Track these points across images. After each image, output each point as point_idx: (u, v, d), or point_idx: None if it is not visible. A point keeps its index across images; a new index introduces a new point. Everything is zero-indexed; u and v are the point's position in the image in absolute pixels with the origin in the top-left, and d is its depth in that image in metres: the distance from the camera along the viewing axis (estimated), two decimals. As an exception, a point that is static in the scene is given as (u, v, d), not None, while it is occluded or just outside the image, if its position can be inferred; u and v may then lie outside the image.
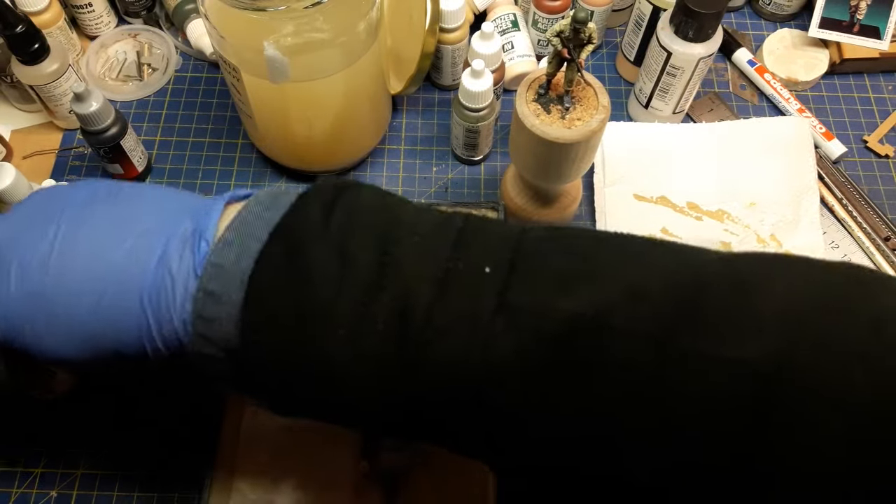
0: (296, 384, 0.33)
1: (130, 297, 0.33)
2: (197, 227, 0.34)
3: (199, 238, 0.34)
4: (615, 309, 0.30)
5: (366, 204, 0.34)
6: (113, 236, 0.34)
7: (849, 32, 0.70)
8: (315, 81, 0.55)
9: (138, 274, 0.33)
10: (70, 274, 0.34)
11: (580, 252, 0.33)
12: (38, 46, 0.61)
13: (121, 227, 0.35)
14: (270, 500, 0.52)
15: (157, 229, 0.35)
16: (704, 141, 0.65)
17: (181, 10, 0.73)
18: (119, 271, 0.34)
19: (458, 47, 0.67)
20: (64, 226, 0.34)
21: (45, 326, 0.34)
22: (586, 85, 0.52)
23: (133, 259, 0.34)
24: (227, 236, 0.33)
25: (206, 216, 0.35)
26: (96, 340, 0.34)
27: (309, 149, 0.63)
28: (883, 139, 0.69)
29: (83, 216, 0.35)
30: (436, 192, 0.67)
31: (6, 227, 0.35)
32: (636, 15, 0.67)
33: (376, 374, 0.32)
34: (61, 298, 0.34)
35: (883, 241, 0.63)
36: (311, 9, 0.50)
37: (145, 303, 0.33)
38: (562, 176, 0.54)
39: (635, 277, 0.32)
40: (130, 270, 0.33)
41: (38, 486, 0.54)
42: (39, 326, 0.34)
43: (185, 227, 0.35)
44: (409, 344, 0.31)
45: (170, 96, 0.72)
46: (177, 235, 0.34)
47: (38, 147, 0.69)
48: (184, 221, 0.35)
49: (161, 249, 0.34)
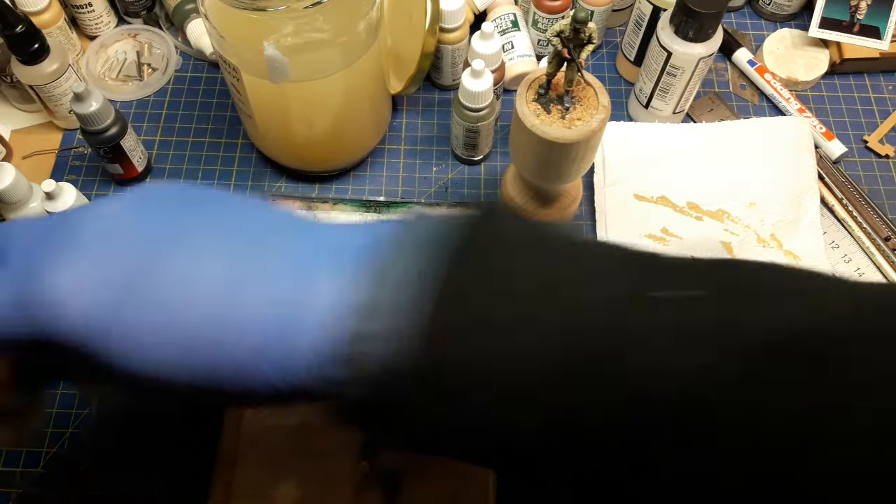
0: (479, 400, 0.28)
1: (254, 337, 0.28)
2: (329, 255, 0.29)
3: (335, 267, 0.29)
4: (834, 323, 0.29)
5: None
6: (248, 270, 0.29)
7: (849, 32, 0.70)
8: (315, 81, 0.55)
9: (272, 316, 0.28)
10: (193, 303, 0.28)
11: (764, 279, 0.31)
12: (37, 46, 0.61)
13: (258, 261, 0.29)
14: (270, 500, 0.52)
15: (293, 265, 0.29)
16: (704, 141, 0.65)
17: (181, 10, 0.73)
18: (250, 308, 0.28)
19: (458, 47, 0.67)
20: (195, 252, 0.29)
21: (152, 347, 0.28)
22: (586, 85, 0.51)
23: (264, 297, 0.28)
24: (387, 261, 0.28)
25: (338, 247, 0.30)
26: (200, 371, 0.29)
27: (309, 149, 0.63)
28: (883, 139, 0.69)
29: (218, 243, 0.30)
30: (436, 192, 0.67)
31: (139, 230, 0.30)
32: (636, 15, 0.67)
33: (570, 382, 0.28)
34: (180, 329, 0.28)
35: (883, 241, 0.63)
36: (311, 9, 0.50)
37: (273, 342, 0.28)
38: (562, 176, 0.54)
39: (833, 299, 0.30)
40: (263, 311, 0.28)
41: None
42: (145, 347, 0.28)
43: (319, 257, 0.29)
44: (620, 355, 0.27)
45: (170, 96, 0.72)
46: (318, 267, 0.29)
47: (38, 147, 0.69)
48: (317, 250, 0.30)
49: (299, 286, 0.29)
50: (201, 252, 0.29)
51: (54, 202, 0.54)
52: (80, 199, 0.55)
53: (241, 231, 0.30)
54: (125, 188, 0.66)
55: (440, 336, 0.27)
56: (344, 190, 0.67)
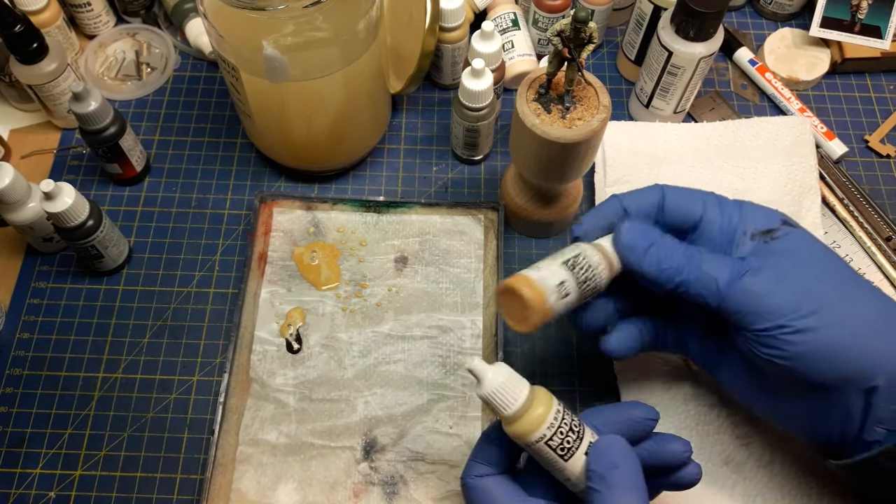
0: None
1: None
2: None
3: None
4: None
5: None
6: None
7: (850, 32, 0.70)
8: (314, 80, 0.55)
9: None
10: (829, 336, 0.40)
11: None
12: (36, 46, 0.60)
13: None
14: (270, 501, 0.52)
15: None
16: (705, 140, 0.65)
17: (180, 9, 0.72)
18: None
19: (458, 46, 0.67)
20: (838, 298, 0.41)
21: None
22: (587, 84, 0.51)
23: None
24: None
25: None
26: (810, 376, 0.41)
27: (308, 148, 0.63)
28: (884, 139, 0.69)
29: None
30: (436, 192, 0.67)
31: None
32: (637, 14, 0.67)
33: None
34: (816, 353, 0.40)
35: (884, 240, 0.62)
36: (311, 8, 0.49)
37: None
38: (562, 176, 0.54)
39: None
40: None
41: (36, 487, 0.54)
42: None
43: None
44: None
45: (168, 95, 0.72)
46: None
47: (37, 146, 0.69)
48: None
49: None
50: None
51: (53, 202, 0.53)
52: (79, 199, 0.55)
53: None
54: (124, 188, 0.66)
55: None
56: (343, 189, 0.67)
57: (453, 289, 0.60)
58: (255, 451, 0.54)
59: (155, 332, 0.60)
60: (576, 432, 0.39)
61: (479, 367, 0.40)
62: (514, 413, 0.39)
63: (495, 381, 0.39)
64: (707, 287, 0.41)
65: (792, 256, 0.42)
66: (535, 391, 0.40)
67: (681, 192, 0.46)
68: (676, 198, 0.45)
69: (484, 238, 0.62)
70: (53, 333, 0.60)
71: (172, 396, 0.57)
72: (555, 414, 0.39)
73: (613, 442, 0.39)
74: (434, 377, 0.57)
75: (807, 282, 0.41)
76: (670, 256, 0.42)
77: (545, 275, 0.42)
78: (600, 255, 0.43)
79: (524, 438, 0.39)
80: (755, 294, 0.40)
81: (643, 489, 0.38)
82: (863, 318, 0.40)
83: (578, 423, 0.40)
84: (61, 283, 0.62)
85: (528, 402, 0.39)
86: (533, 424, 0.39)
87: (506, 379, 0.39)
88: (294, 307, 0.59)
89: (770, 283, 0.40)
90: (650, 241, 0.43)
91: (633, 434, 0.41)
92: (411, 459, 0.54)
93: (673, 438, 0.42)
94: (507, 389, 0.39)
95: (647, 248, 0.42)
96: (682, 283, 0.42)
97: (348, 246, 0.62)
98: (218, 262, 0.63)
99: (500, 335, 0.56)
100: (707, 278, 0.41)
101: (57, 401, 0.57)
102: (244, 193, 0.66)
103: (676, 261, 0.42)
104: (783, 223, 0.44)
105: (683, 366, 0.55)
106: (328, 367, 0.57)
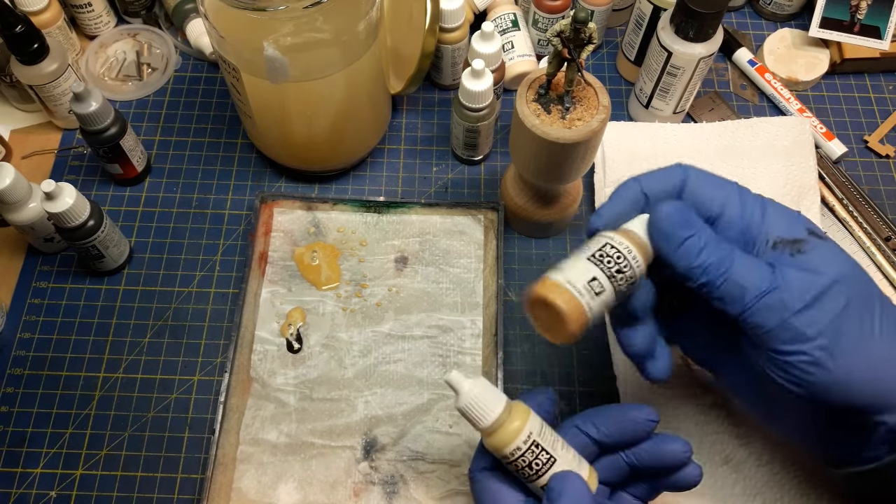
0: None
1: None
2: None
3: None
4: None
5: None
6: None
7: (849, 32, 0.70)
8: (315, 81, 0.55)
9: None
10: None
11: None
12: (37, 46, 0.61)
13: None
14: (270, 501, 0.52)
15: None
16: (705, 141, 0.65)
17: (181, 10, 0.73)
18: None
19: (458, 47, 0.67)
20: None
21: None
22: (587, 85, 0.51)
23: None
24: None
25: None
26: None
27: (309, 148, 0.63)
28: (884, 139, 0.69)
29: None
30: (436, 192, 0.67)
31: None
32: (636, 15, 0.67)
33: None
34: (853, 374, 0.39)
35: (884, 241, 0.62)
36: (311, 9, 0.50)
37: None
38: (562, 176, 0.54)
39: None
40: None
41: (37, 486, 0.54)
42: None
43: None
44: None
45: (169, 96, 0.72)
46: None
47: (38, 147, 0.69)
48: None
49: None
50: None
51: (54, 202, 0.54)
52: (80, 199, 0.55)
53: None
54: (125, 188, 0.66)
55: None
56: (344, 190, 0.67)
57: (453, 289, 0.60)
58: (256, 450, 0.54)
59: (156, 331, 0.60)
60: (541, 464, 0.39)
61: (455, 380, 0.40)
62: (489, 426, 0.39)
63: (471, 393, 0.39)
64: (732, 294, 0.39)
65: (819, 279, 0.39)
66: (512, 406, 0.40)
67: (704, 177, 0.42)
68: (699, 182, 0.42)
69: (484, 238, 0.62)
70: (54, 333, 0.60)
71: (173, 396, 0.57)
72: (527, 434, 0.39)
73: (568, 482, 0.38)
74: (434, 377, 0.57)
75: (832, 310, 0.38)
76: (705, 253, 0.39)
77: (571, 276, 0.38)
78: (630, 241, 0.39)
79: (499, 452, 0.39)
80: (778, 314, 0.38)
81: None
82: (881, 352, 0.39)
83: (546, 459, 0.39)
84: (62, 283, 0.62)
85: (504, 416, 0.39)
86: (506, 438, 0.39)
87: (481, 392, 0.39)
88: (294, 307, 0.59)
89: (794, 306, 0.38)
90: (691, 231, 0.39)
91: (633, 435, 0.41)
92: (411, 459, 0.54)
93: (673, 439, 0.41)
94: (482, 402, 0.39)
95: (685, 240, 0.39)
96: (706, 283, 0.39)
97: (348, 246, 0.62)
98: (219, 262, 0.63)
99: (500, 335, 0.56)
100: (734, 286, 0.38)
101: (58, 400, 0.57)
102: (245, 194, 0.67)
103: (709, 259, 0.39)
104: (809, 233, 0.41)
105: (683, 366, 0.55)
106: (328, 366, 0.57)
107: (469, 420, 0.40)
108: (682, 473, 0.41)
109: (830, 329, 0.38)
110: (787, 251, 0.40)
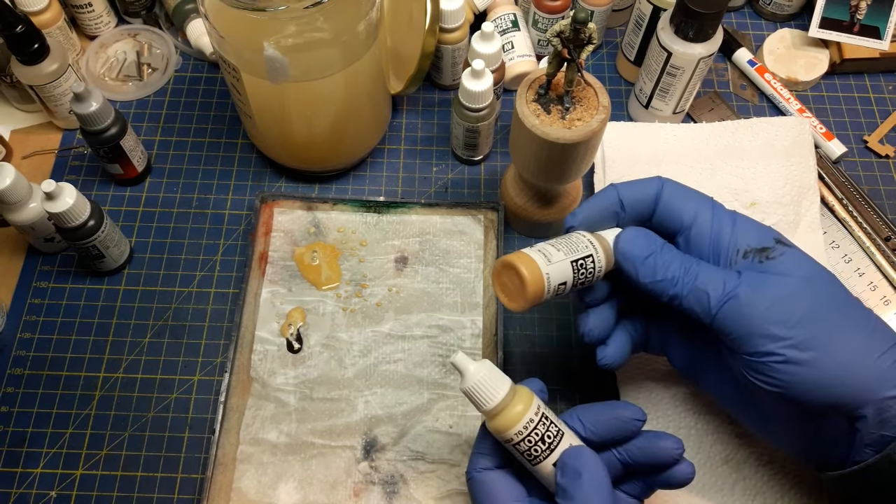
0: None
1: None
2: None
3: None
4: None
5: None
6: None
7: (849, 32, 0.70)
8: (315, 81, 0.55)
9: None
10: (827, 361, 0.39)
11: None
12: (37, 46, 0.61)
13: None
14: (270, 500, 0.52)
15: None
16: (705, 141, 0.65)
17: (181, 10, 0.73)
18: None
19: (458, 47, 0.67)
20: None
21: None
22: (586, 85, 0.51)
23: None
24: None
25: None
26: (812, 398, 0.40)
27: (309, 148, 0.63)
28: (883, 139, 0.69)
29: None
30: (436, 192, 0.67)
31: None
32: (636, 15, 0.67)
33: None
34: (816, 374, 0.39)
35: (883, 241, 0.62)
36: (312, 9, 0.50)
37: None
38: (562, 176, 0.54)
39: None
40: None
41: (37, 486, 0.54)
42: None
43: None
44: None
45: (169, 96, 0.72)
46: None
47: (38, 147, 0.69)
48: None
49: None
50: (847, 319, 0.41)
51: (54, 202, 0.54)
52: (80, 200, 0.55)
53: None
54: (125, 188, 0.66)
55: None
56: (344, 190, 0.67)
57: (453, 289, 0.60)
58: (256, 450, 0.54)
59: (156, 331, 0.60)
60: (550, 439, 0.39)
61: (461, 362, 0.40)
62: (493, 409, 0.39)
63: (476, 375, 0.40)
64: (700, 302, 0.41)
65: (786, 280, 0.40)
66: (516, 390, 0.40)
67: (679, 190, 0.45)
68: (674, 194, 0.45)
69: (484, 238, 0.62)
70: (55, 333, 0.60)
71: (173, 396, 0.57)
72: (532, 415, 0.39)
73: (581, 453, 0.39)
74: (434, 377, 0.57)
75: (800, 309, 0.39)
76: (667, 268, 0.42)
77: (553, 271, 0.41)
78: (599, 245, 0.43)
79: (502, 435, 0.40)
80: (747, 317, 0.40)
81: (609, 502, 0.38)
82: (853, 348, 0.40)
83: (556, 432, 0.40)
84: (62, 283, 0.62)
85: (508, 399, 0.40)
86: (510, 421, 0.39)
87: (486, 374, 0.40)
88: (295, 307, 0.59)
89: (762, 307, 0.39)
90: (649, 251, 0.42)
91: (621, 433, 0.42)
92: (411, 459, 0.54)
93: (664, 436, 0.42)
94: (487, 385, 0.40)
95: (645, 259, 0.42)
96: (675, 295, 0.41)
97: (349, 246, 0.62)
98: (219, 262, 0.63)
99: (500, 335, 0.56)
100: (700, 293, 0.41)
101: (58, 400, 0.57)
102: (245, 194, 0.67)
103: (672, 272, 0.41)
104: (777, 241, 0.42)
105: None
106: (329, 366, 0.57)
107: (474, 402, 0.40)
108: (673, 471, 0.42)
109: (800, 328, 0.39)
110: (756, 259, 0.42)
